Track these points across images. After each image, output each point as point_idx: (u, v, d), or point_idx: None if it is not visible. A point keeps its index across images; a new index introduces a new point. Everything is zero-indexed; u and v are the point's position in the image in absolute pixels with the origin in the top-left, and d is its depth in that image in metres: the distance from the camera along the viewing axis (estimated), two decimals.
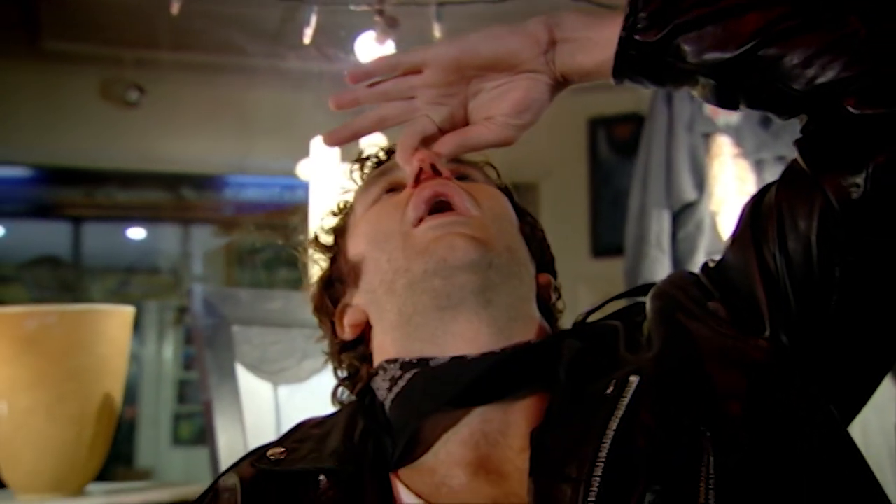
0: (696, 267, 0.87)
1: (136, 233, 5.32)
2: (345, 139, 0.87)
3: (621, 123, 4.19)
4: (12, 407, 1.59)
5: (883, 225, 0.72)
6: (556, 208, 4.23)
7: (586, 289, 3.40)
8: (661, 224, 2.71)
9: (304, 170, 2.20)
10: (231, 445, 1.73)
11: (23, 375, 1.59)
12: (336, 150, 2.07)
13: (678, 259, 2.66)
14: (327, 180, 2.12)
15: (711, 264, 0.84)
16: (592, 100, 3.90)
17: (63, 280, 4.91)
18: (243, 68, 3.36)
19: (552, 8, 0.83)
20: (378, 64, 0.87)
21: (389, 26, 2.04)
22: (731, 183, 2.65)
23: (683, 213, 2.72)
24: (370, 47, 2.10)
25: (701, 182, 2.71)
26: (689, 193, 2.70)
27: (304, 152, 2.27)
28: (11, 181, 4.68)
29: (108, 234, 5.18)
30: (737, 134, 2.66)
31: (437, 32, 2.09)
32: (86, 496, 1.65)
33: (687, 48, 0.76)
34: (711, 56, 0.75)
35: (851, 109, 0.71)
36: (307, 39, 2.00)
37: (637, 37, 0.77)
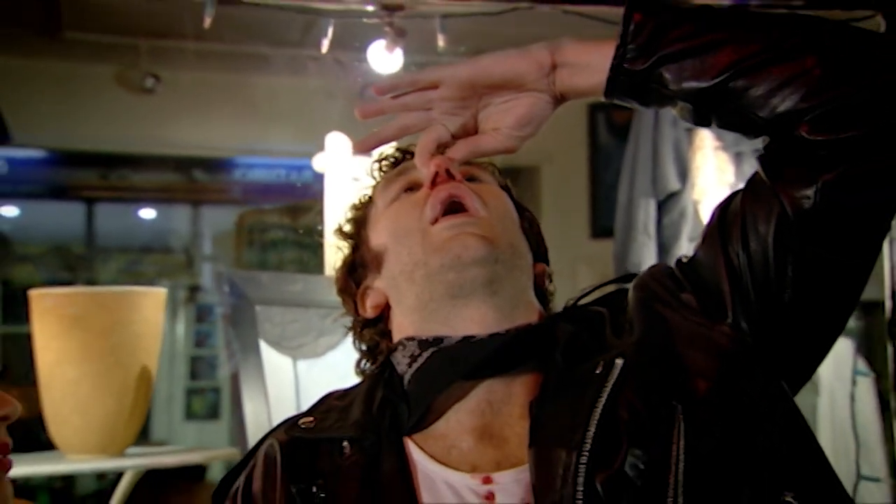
0: (680, 251, 0.99)
1: (148, 213, 5.29)
2: (372, 146, 0.96)
3: (620, 109, 4.16)
4: (62, 377, 1.72)
5: (828, 233, 0.85)
6: (556, 191, 4.25)
7: (586, 268, 3.46)
8: (647, 212, 2.78)
9: (319, 163, 2.32)
10: (256, 413, 1.87)
11: (70, 349, 1.72)
12: (349, 145, 2.21)
13: (663, 244, 2.73)
14: (340, 172, 2.25)
15: (685, 260, 0.94)
16: None
17: (73, 263, 4.94)
18: (256, 57, 3.44)
19: (546, 20, 0.93)
20: (400, 80, 0.95)
21: (398, 36, 2.14)
22: (712, 174, 2.72)
23: (668, 202, 2.78)
24: (381, 54, 2.22)
25: (684, 173, 2.78)
26: (674, 183, 2.77)
27: (312, 135, 2.34)
28: (29, 163, 4.68)
29: (121, 214, 5.16)
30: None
31: (440, 42, 2.21)
32: (126, 457, 1.78)
33: (668, 77, 0.86)
34: (689, 85, 0.85)
35: (805, 135, 0.82)
36: (324, 49, 2.12)
37: (626, 65, 0.86)
